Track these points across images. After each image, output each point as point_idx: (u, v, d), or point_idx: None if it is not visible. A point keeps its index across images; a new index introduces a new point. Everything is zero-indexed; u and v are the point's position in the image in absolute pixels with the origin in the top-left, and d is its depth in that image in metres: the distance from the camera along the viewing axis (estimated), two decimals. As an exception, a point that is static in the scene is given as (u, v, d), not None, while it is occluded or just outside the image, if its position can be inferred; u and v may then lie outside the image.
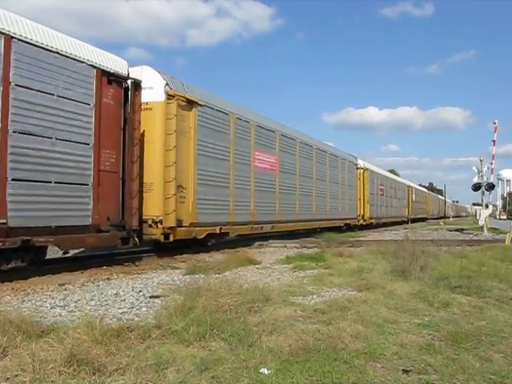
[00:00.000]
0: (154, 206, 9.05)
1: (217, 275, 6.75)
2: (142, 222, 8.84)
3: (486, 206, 20.87)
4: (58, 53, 7.01)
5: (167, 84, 9.44)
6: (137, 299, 5.35)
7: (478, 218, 20.91)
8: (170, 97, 9.37)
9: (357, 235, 18.73)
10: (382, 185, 28.59)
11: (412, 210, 38.80)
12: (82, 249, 9.28)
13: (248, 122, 12.76)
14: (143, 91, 8.74)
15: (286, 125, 16.61)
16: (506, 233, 14.78)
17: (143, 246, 10.60)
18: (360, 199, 23.61)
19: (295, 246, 12.79)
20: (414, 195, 40.76)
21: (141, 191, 8.79)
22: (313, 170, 17.86)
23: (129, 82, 8.41)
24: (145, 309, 4.83)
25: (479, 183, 20.60)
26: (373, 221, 25.51)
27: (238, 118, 12.09)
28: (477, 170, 20.64)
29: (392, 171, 57.46)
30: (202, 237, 10.54)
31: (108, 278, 6.99)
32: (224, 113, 11.46)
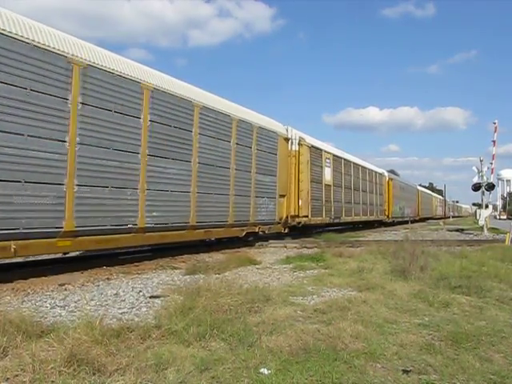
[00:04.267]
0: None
1: (217, 275, 6.74)
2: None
3: (486, 206, 20.88)
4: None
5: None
6: (137, 299, 5.35)
7: (477, 218, 20.91)
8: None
9: (357, 235, 18.73)
10: (345, 173, 21.38)
11: (393, 209, 32.00)
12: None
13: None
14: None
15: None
16: (506, 233, 14.78)
17: (143, 246, 10.61)
18: (292, 191, 15.37)
19: (295, 247, 12.80)
20: (398, 190, 33.98)
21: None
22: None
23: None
24: (145, 309, 4.83)
25: (479, 183, 20.60)
26: (317, 221, 17.50)
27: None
28: (477, 170, 20.65)
29: (392, 171, 57.33)
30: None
31: (108, 278, 6.99)
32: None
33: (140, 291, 5.84)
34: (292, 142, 15.57)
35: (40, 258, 8.73)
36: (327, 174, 18.92)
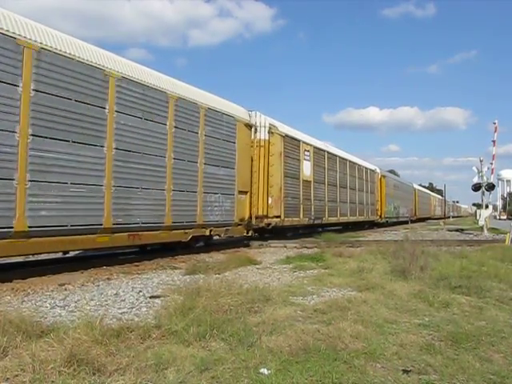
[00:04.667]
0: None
1: (217, 275, 6.75)
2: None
3: (486, 207, 20.88)
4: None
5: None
6: (137, 299, 5.35)
7: (477, 218, 20.92)
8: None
9: (357, 235, 18.73)
10: (329, 168, 19.29)
11: (386, 209, 29.63)
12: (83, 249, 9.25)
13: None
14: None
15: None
16: (506, 233, 14.78)
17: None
18: (259, 187, 13.31)
19: (295, 247, 12.80)
20: (392, 188, 31.79)
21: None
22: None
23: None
24: (145, 309, 4.83)
25: (479, 183, 20.61)
26: (293, 222, 15.34)
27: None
28: (477, 170, 20.66)
29: (392, 171, 57.23)
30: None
31: (108, 278, 6.99)
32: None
33: (140, 291, 5.84)
34: (259, 130, 13.47)
35: (40, 257, 8.73)
36: (306, 169, 16.56)
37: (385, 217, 29.05)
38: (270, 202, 13.55)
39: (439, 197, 71.85)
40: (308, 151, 16.89)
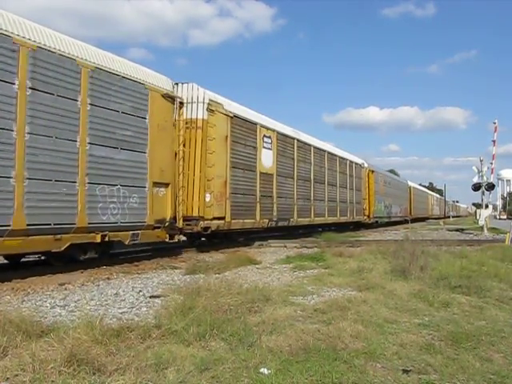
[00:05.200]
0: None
1: (217, 275, 6.75)
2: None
3: (486, 206, 20.89)
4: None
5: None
6: (137, 299, 5.35)
7: (477, 217, 20.92)
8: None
9: (357, 235, 18.73)
10: (300, 159, 16.16)
11: (376, 208, 26.58)
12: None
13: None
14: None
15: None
16: (505, 233, 14.78)
17: (143, 246, 10.61)
18: (190, 179, 10.37)
19: (295, 246, 12.80)
20: (382, 185, 28.75)
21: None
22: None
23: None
24: (145, 309, 4.83)
25: (479, 183, 20.61)
26: (245, 224, 12.25)
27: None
28: (477, 170, 20.66)
29: (392, 171, 57.19)
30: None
31: (108, 278, 6.99)
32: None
33: (140, 291, 5.84)
34: (191, 107, 10.38)
35: (40, 258, 8.71)
36: (266, 159, 13.58)
37: (374, 217, 26.11)
38: (208, 198, 10.38)
39: (437, 196, 70.16)
40: (269, 137, 13.79)
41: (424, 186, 71.34)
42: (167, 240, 9.59)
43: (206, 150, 10.46)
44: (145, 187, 8.81)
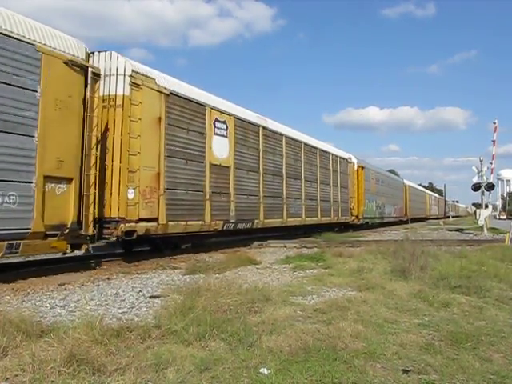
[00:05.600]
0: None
1: (217, 275, 6.75)
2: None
3: (486, 206, 20.89)
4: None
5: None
6: (137, 299, 5.35)
7: (477, 217, 20.93)
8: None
9: (357, 235, 18.73)
10: (267, 150, 13.95)
11: (365, 208, 24.41)
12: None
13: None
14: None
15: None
16: (505, 233, 14.78)
17: (145, 246, 10.61)
18: (109, 174, 8.29)
19: (295, 246, 12.80)
20: (373, 183, 26.65)
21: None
22: None
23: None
24: (145, 309, 4.83)
25: (479, 183, 20.62)
26: (188, 227, 10.02)
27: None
28: (477, 170, 20.67)
29: (392, 171, 57.18)
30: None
31: (108, 278, 6.99)
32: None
33: (140, 291, 5.84)
34: (108, 80, 8.39)
35: (40, 257, 8.72)
36: (220, 148, 11.32)
37: (364, 217, 24.04)
38: (131, 195, 8.36)
39: (435, 195, 68.37)
40: (223, 122, 11.53)
41: (424, 186, 71.18)
42: (69, 252, 7.37)
43: (127, 134, 8.35)
44: (30, 182, 6.58)
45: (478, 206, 32.66)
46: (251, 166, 13.06)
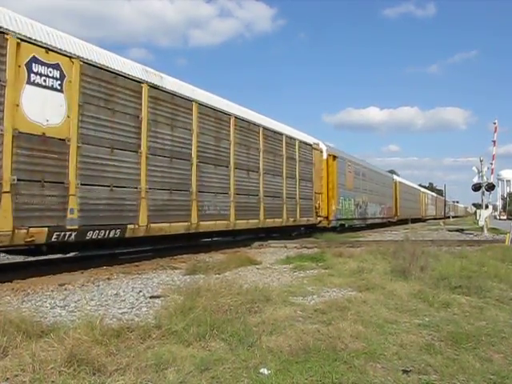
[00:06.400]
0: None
1: (217, 275, 6.74)
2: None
3: (486, 207, 20.88)
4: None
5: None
6: (137, 299, 5.35)
7: (477, 218, 20.92)
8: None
9: (357, 236, 18.73)
10: (170, 123, 9.14)
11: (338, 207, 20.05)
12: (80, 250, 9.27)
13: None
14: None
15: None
16: (506, 233, 14.78)
17: (144, 245, 10.62)
18: None
19: (295, 247, 12.80)
20: (351, 177, 22.14)
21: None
22: None
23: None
24: (145, 309, 4.83)
25: (479, 183, 20.60)
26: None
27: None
28: (477, 171, 20.65)
29: (392, 171, 57.10)
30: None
31: (108, 278, 6.99)
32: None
33: (140, 291, 5.84)
34: None
35: (40, 258, 8.73)
36: (37, 104, 6.49)
37: (336, 218, 19.56)
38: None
39: (432, 194, 64.33)
40: (52, 66, 6.76)
41: (424, 187, 70.92)
42: None
43: None
44: None
45: (478, 206, 32.61)
46: (130, 143, 8.19)
